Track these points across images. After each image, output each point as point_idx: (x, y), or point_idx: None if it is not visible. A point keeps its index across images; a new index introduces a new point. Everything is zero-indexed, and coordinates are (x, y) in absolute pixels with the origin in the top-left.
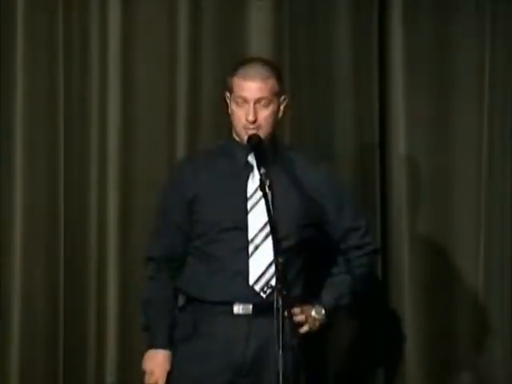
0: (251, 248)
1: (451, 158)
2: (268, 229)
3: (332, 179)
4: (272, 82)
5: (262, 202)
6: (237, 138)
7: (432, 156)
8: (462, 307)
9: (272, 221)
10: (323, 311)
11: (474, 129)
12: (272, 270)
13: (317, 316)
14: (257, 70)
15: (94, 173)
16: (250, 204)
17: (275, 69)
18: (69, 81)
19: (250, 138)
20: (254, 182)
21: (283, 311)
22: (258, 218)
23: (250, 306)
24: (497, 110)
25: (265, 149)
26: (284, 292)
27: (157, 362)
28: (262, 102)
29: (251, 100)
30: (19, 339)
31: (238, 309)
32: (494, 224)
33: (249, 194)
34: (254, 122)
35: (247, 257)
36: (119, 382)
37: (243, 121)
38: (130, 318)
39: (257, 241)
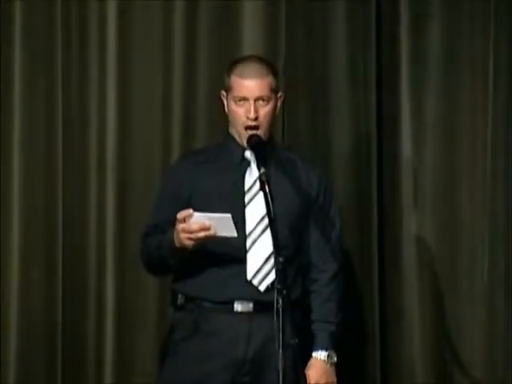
0: (249, 242)
1: (456, 158)
2: (265, 222)
3: (328, 188)
4: (270, 80)
5: (260, 195)
6: (234, 136)
7: (437, 156)
8: (468, 307)
9: (271, 219)
10: (329, 353)
11: (479, 129)
12: (270, 263)
13: (331, 361)
14: (254, 68)
15: (92, 173)
16: (247, 198)
17: (271, 66)
18: (67, 81)
19: (250, 138)
20: (251, 176)
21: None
22: (255, 211)
23: (251, 304)
24: (501, 111)
25: (265, 148)
26: (284, 292)
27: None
28: (262, 100)
29: (251, 98)
30: (17, 339)
31: (238, 306)
32: (499, 224)
33: (246, 188)
34: (255, 119)
35: (245, 251)
36: (118, 382)
37: (243, 119)
38: (129, 317)
39: (254, 235)
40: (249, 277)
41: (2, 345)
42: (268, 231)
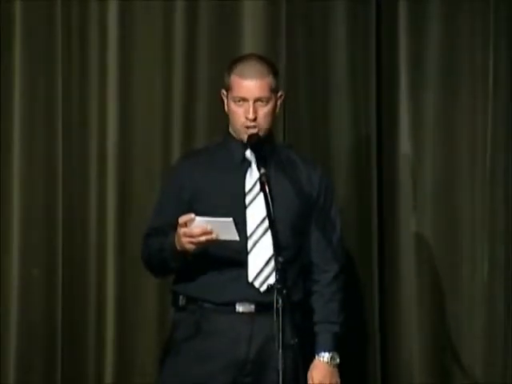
0: (250, 244)
1: (456, 158)
2: (266, 224)
3: (329, 187)
4: (270, 80)
5: (260, 196)
6: (234, 135)
7: (436, 156)
8: (468, 307)
9: (271, 220)
10: (332, 355)
11: (479, 129)
12: (271, 265)
13: (334, 362)
14: (254, 67)
15: (92, 173)
16: (248, 199)
17: (272, 65)
18: (67, 81)
19: (250, 137)
20: (251, 177)
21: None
22: (256, 213)
23: (252, 306)
24: (501, 111)
25: (264, 148)
26: (284, 292)
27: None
28: (261, 101)
29: (250, 99)
30: (17, 339)
31: (239, 308)
32: (499, 224)
33: (247, 189)
34: (254, 119)
35: (246, 253)
36: (118, 382)
37: (242, 119)
38: (129, 317)
39: (255, 236)
40: (250, 279)
41: (2, 345)
42: (269, 233)
